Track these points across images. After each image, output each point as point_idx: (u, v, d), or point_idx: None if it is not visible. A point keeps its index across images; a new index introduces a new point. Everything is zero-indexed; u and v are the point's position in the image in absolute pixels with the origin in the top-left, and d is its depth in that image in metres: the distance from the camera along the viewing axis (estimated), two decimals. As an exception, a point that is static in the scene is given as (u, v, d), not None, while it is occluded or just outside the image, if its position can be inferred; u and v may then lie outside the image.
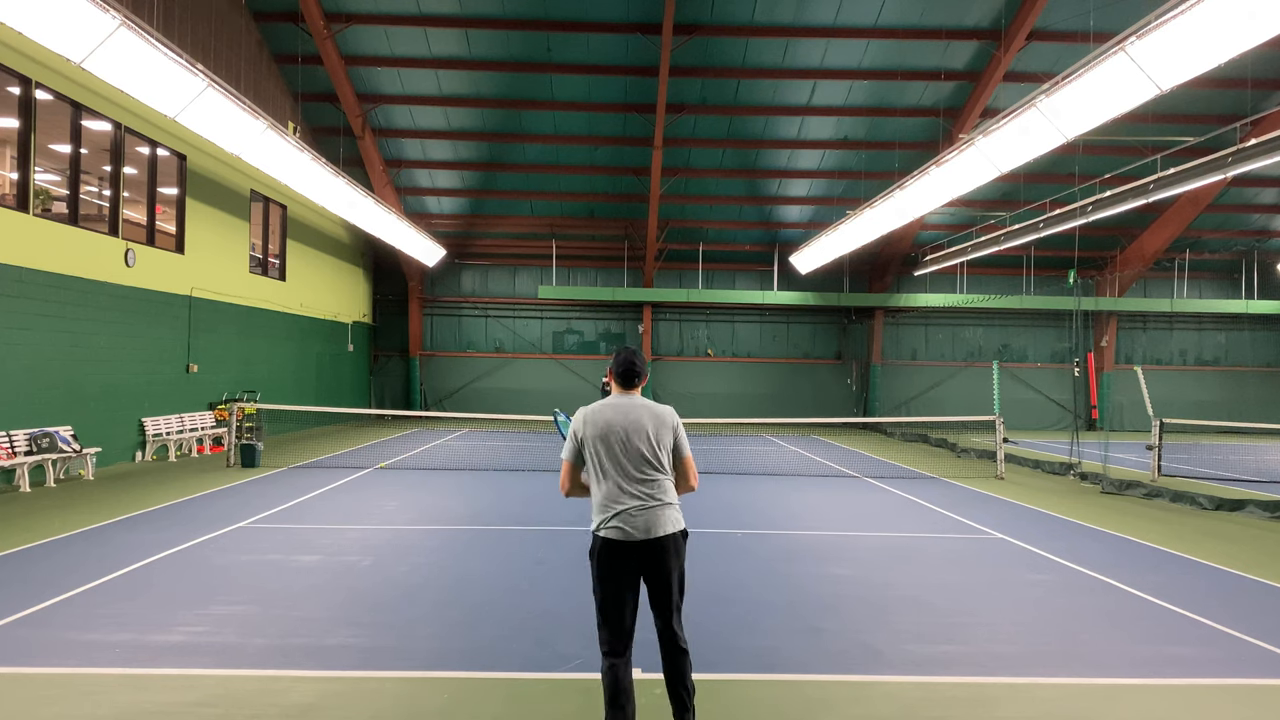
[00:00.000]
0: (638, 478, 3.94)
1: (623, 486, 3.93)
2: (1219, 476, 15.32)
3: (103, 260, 13.93)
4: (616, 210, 26.79)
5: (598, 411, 4.06)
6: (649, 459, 3.97)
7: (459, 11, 18.82)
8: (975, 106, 20.30)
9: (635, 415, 4.03)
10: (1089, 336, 29.84)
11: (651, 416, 4.05)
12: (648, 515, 3.91)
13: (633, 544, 3.89)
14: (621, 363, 4.20)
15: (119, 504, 10.38)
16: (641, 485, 3.94)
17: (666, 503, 3.97)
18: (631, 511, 3.90)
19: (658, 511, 3.92)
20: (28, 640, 5.34)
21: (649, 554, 3.91)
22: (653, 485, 3.96)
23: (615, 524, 3.91)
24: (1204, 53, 8.68)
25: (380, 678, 4.85)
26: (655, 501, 3.94)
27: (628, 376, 4.18)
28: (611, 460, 3.96)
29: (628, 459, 3.96)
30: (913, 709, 4.52)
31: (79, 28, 9.19)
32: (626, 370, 4.18)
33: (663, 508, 3.95)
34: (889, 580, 7.28)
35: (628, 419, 4.01)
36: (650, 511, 3.91)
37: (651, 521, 3.90)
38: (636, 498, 3.91)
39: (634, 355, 4.25)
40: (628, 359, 4.21)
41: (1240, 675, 5.13)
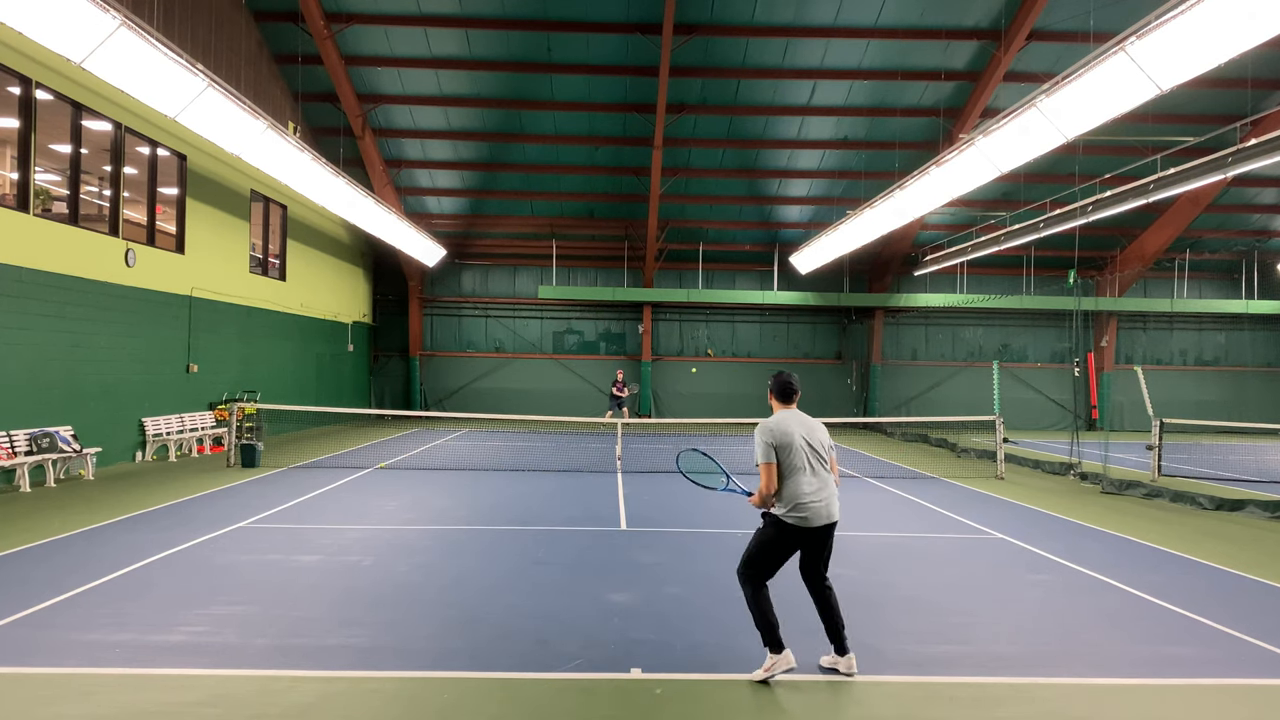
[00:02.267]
0: (822, 474, 5.03)
1: (812, 479, 4.97)
2: (1219, 476, 15.32)
3: (103, 260, 13.93)
4: (616, 210, 26.79)
5: (781, 422, 5.04)
6: (823, 459, 5.07)
7: (459, 11, 18.82)
8: (975, 106, 20.30)
9: (809, 424, 5.14)
10: (1089, 336, 29.84)
11: (819, 427, 5.18)
12: (829, 501, 5.00)
13: (826, 528, 5.01)
14: (782, 383, 5.22)
15: (119, 504, 10.38)
16: (824, 479, 5.04)
17: (835, 495, 5.09)
18: (819, 500, 4.96)
19: (834, 499, 5.06)
20: (28, 640, 5.34)
21: (827, 533, 5.03)
22: (827, 480, 5.06)
23: (805, 511, 4.92)
24: (1204, 53, 8.67)
25: (380, 678, 4.85)
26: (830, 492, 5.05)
27: (790, 392, 5.21)
28: (802, 459, 4.95)
29: (814, 459, 5.01)
30: (913, 709, 4.52)
31: (79, 28, 9.18)
32: (785, 388, 5.22)
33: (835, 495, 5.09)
34: (889, 580, 7.28)
35: (808, 426, 5.12)
36: (831, 497, 5.03)
37: (831, 508, 5.00)
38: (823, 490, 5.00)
39: (792, 376, 5.29)
40: (787, 379, 5.25)
41: (1240, 675, 5.13)
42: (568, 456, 16.93)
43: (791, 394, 5.19)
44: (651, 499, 11.54)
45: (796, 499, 4.87)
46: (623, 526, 9.55)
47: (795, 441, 4.91)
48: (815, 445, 5.00)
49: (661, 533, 9.23)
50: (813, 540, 4.95)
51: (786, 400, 5.19)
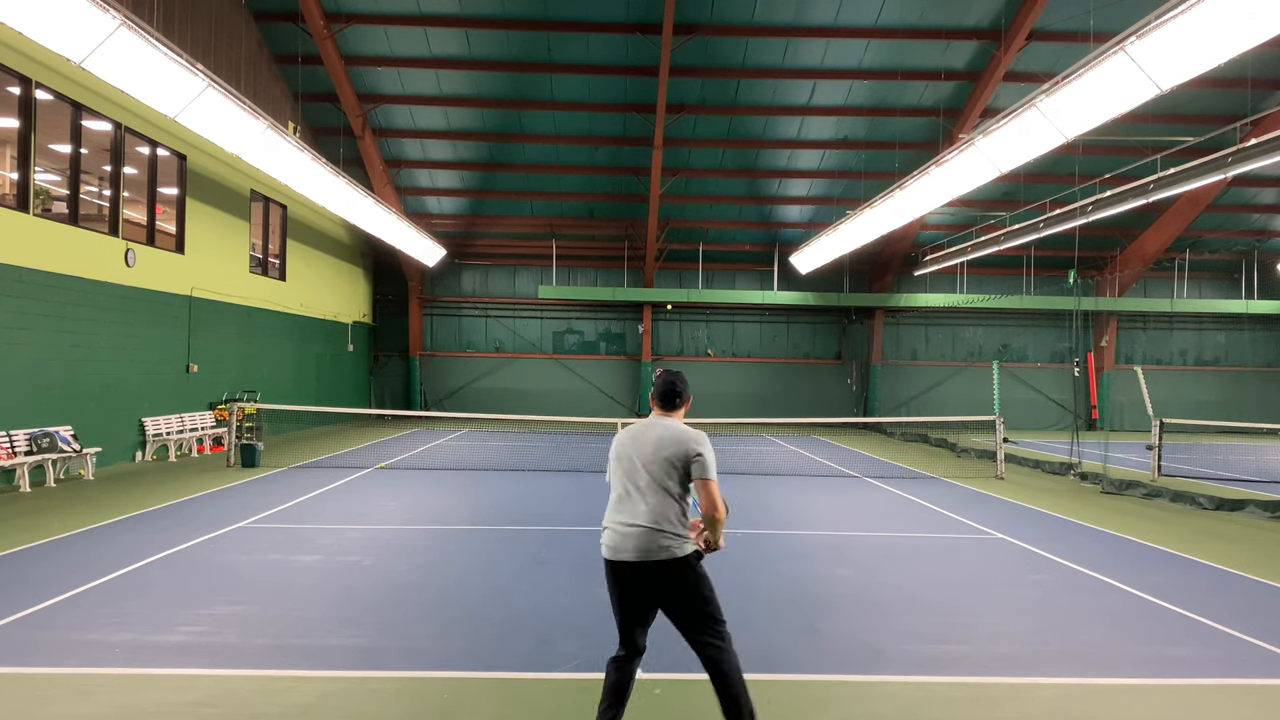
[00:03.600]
0: (634, 497, 3.85)
1: (619, 504, 3.90)
2: (1219, 476, 15.32)
3: (103, 260, 13.93)
4: (616, 210, 26.79)
5: (627, 430, 4.06)
6: (653, 480, 3.83)
7: (459, 11, 18.82)
8: (975, 106, 20.30)
9: (652, 435, 3.92)
10: (1089, 336, 29.84)
11: (670, 439, 3.87)
12: (636, 536, 3.79)
13: (625, 566, 3.82)
14: (661, 383, 4.06)
15: (119, 504, 10.38)
16: (634, 505, 3.84)
17: (654, 528, 3.78)
18: (618, 530, 3.85)
19: (646, 534, 3.78)
20: (28, 640, 5.34)
21: (637, 575, 3.81)
22: (647, 507, 3.81)
23: (604, 540, 3.91)
24: (1204, 53, 8.67)
25: (380, 678, 4.85)
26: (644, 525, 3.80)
27: (666, 398, 4.05)
28: (618, 477, 3.94)
29: (631, 478, 3.88)
30: (913, 709, 4.52)
31: (79, 28, 9.18)
32: (665, 391, 4.05)
33: (649, 532, 3.78)
34: (889, 580, 7.28)
35: (644, 439, 3.93)
36: (638, 532, 3.79)
37: (638, 543, 3.78)
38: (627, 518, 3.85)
39: (676, 377, 4.09)
40: (668, 380, 4.07)
41: (1240, 675, 5.13)
42: (568, 456, 16.93)
43: (673, 398, 4.05)
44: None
45: (604, 522, 3.96)
46: (623, 526, 9.54)
47: (622, 453, 3.94)
48: (645, 463, 3.86)
49: (661, 533, 9.21)
50: (626, 582, 3.83)
51: (662, 405, 4.06)
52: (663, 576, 3.77)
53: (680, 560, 3.80)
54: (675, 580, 3.78)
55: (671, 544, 3.78)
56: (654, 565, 3.76)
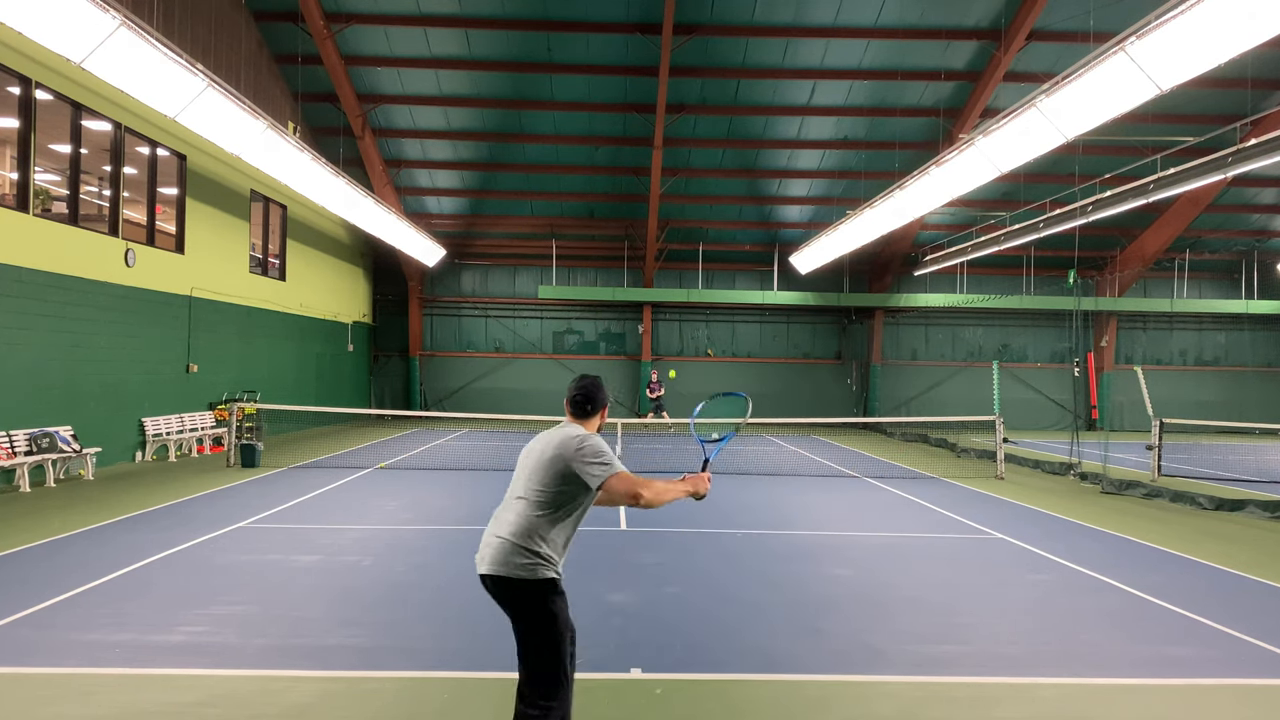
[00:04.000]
0: (507, 505, 3.57)
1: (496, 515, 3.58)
2: (1219, 476, 15.32)
3: (103, 260, 13.93)
4: (616, 210, 26.79)
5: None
6: (529, 489, 3.51)
7: (459, 11, 18.82)
8: (975, 106, 20.30)
9: (545, 439, 3.63)
10: (1089, 336, 29.84)
11: (557, 441, 3.56)
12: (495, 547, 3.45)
13: (483, 580, 3.49)
14: (574, 388, 3.78)
15: (119, 504, 10.38)
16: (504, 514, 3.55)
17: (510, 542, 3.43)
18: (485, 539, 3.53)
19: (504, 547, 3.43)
20: (28, 640, 5.34)
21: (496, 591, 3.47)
22: (513, 516, 3.49)
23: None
24: (1204, 53, 8.67)
25: (380, 678, 4.85)
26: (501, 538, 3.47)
27: (576, 404, 3.74)
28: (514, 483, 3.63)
29: (512, 485, 3.61)
30: (913, 709, 4.52)
31: (79, 28, 9.18)
32: (575, 397, 3.74)
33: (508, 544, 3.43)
34: (889, 580, 7.28)
35: (537, 445, 3.65)
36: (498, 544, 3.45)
37: (495, 555, 3.43)
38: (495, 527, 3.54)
39: (591, 383, 3.79)
40: (582, 385, 3.77)
41: (1240, 675, 5.13)
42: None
43: (584, 405, 3.74)
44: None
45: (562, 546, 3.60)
46: (622, 526, 9.56)
47: (521, 458, 3.72)
48: (526, 469, 3.61)
49: (661, 533, 9.23)
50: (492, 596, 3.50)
51: (574, 413, 3.76)
52: (501, 594, 3.43)
53: (531, 585, 3.39)
54: (520, 607, 3.41)
55: (529, 563, 3.39)
56: (504, 582, 3.40)
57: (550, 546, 3.45)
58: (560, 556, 3.52)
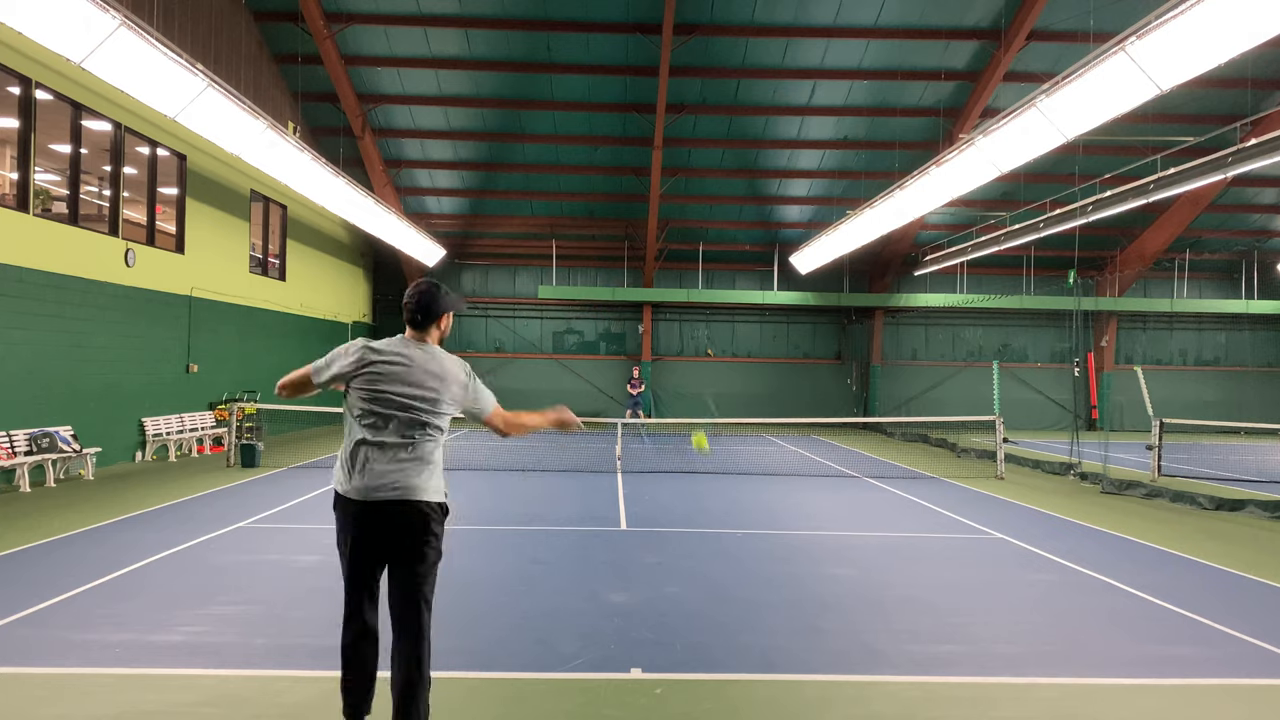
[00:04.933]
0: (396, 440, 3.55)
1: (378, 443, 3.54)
2: (1219, 476, 15.32)
3: (103, 260, 13.93)
4: (616, 210, 26.79)
5: (376, 349, 3.60)
6: (417, 419, 3.53)
7: (459, 11, 18.81)
8: (975, 106, 20.30)
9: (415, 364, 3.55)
10: (1089, 336, 29.83)
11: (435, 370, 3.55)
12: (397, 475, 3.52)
13: (370, 506, 3.57)
14: (411, 295, 3.62)
15: (119, 504, 10.38)
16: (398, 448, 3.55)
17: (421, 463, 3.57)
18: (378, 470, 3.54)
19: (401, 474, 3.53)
20: (28, 640, 5.33)
21: (387, 517, 3.56)
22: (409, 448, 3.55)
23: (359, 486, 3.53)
24: (1204, 53, 8.67)
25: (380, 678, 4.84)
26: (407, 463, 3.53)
27: (421, 313, 3.63)
28: (369, 415, 3.57)
29: (391, 416, 3.54)
30: (913, 709, 4.52)
31: (79, 28, 9.17)
32: (415, 304, 3.61)
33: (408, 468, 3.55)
34: (889, 580, 7.28)
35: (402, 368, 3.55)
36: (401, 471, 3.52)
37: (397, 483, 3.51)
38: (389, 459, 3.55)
39: (433, 287, 3.66)
40: (421, 290, 3.62)
41: (1240, 675, 5.13)
42: (567, 456, 16.93)
43: (427, 317, 3.75)
44: (652, 499, 11.54)
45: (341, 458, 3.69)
46: (623, 526, 9.55)
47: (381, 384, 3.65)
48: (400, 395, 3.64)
49: (662, 533, 9.23)
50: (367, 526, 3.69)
51: (416, 326, 3.80)
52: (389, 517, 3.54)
53: (426, 506, 3.57)
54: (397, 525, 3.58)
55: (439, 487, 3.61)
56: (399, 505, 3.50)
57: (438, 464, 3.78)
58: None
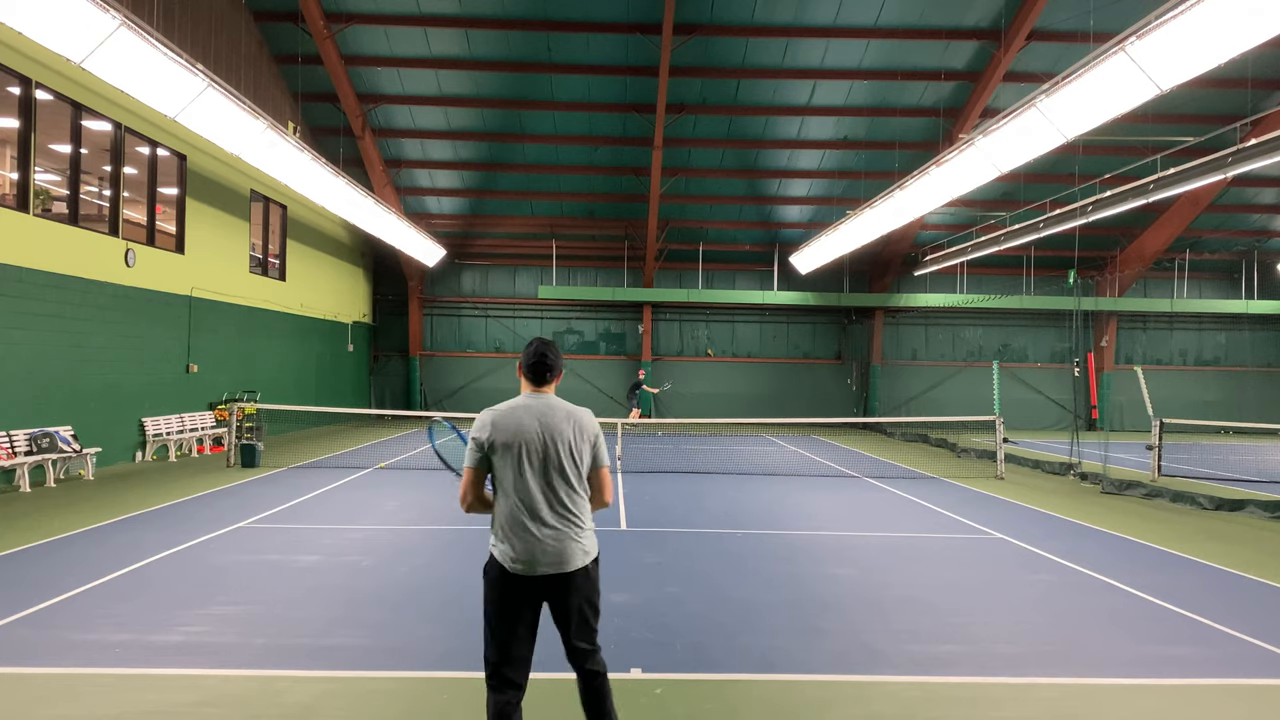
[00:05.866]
0: (550, 499, 3.42)
1: (532, 508, 3.40)
2: (1219, 476, 15.32)
3: (103, 260, 13.93)
4: (616, 210, 26.79)
5: (506, 415, 3.50)
6: (565, 474, 3.42)
7: (459, 11, 18.82)
8: (975, 106, 20.30)
9: (551, 419, 3.47)
10: (1089, 336, 29.84)
11: (570, 421, 3.49)
12: (559, 546, 3.39)
13: (535, 578, 3.41)
14: (532, 354, 3.60)
15: (119, 504, 10.38)
16: (556, 507, 3.42)
17: (581, 529, 3.46)
18: (540, 538, 3.38)
19: (569, 543, 3.41)
20: (28, 640, 5.34)
21: (554, 587, 3.43)
22: (566, 509, 3.43)
23: (516, 551, 3.40)
24: (1204, 53, 8.67)
25: (380, 678, 4.85)
26: (569, 528, 3.42)
27: (537, 371, 3.60)
28: (517, 474, 3.41)
29: (539, 473, 3.41)
30: (913, 709, 4.52)
31: (79, 28, 9.18)
32: (537, 363, 3.59)
33: (575, 536, 3.43)
34: (889, 580, 7.28)
35: (542, 423, 3.46)
36: (562, 542, 3.40)
37: (562, 553, 3.39)
38: (546, 524, 3.40)
39: (547, 345, 3.65)
40: (539, 349, 3.61)
41: (1240, 675, 5.13)
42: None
43: (544, 371, 3.62)
44: (652, 499, 11.54)
45: (500, 525, 3.47)
46: (623, 527, 9.55)
47: (523, 444, 3.43)
48: (559, 454, 3.45)
49: (662, 533, 9.23)
50: (540, 595, 3.49)
51: (538, 380, 3.64)
52: (576, 583, 3.46)
53: (595, 560, 3.56)
54: (585, 584, 3.49)
55: (593, 544, 3.54)
56: (571, 575, 3.43)
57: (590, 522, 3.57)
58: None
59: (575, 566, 3.43)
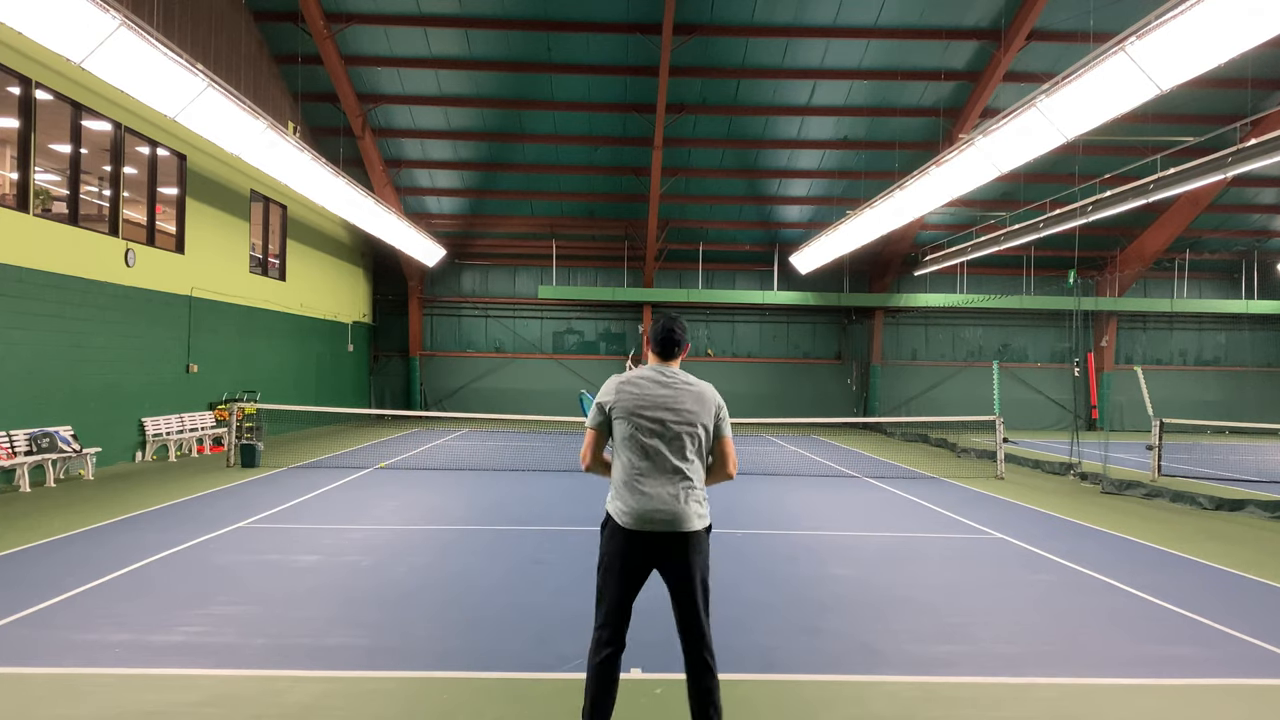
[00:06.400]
0: (667, 467, 3.60)
1: (647, 471, 3.60)
2: (1219, 476, 15.32)
3: (103, 260, 13.93)
4: (616, 210, 26.79)
5: (630, 382, 3.70)
6: (682, 444, 3.61)
7: (459, 11, 18.82)
8: (975, 106, 20.30)
9: (672, 389, 3.66)
10: (1089, 336, 29.84)
11: (691, 392, 3.67)
12: (670, 507, 3.58)
13: (647, 534, 3.59)
14: (660, 329, 3.78)
15: (119, 504, 10.38)
16: (669, 472, 3.61)
17: (692, 493, 3.62)
18: (652, 497, 3.58)
19: (679, 505, 3.59)
20: (28, 640, 5.33)
21: (666, 547, 3.59)
22: (680, 475, 3.61)
23: (629, 508, 3.60)
24: (1204, 53, 8.68)
25: (380, 678, 4.84)
26: (681, 490, 3.60)
27: (666, 345, 3.78)
28: (635, 441, 3.62)
29: (655, 438, 3.60)
30: (913, 709, 4.52)
31: (79, 28, 9.18)
32: (665, 338, 3.77)
33: (688, 501, 3.61)
34: (889, 580, 7.27)
35: (663, 392, 3.65)
36: (672, 504, 3.58)
37: (675, 514, 3.57)
38: (660, 486, 3.60)
39: (674, 322, 3.82)
40: (666, 325, 3.79)
41: (1240, 675, 5.13)
42: (568, 456, 16.93)
43: (673, 346, 3.79)
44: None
45: (616, 483, 3.68)
46: (623, 526, 9.54)
47: (644, 413, 3.63)
48: (677, 425, 3.62)
49: (661, 533, 9.21)
50: (653, 555, 3.62)
51: (665, 354, 3.80)
52: (689, 546, 3.60)
53: (708, 529, 3.72)
54: (696, 551, 3.64)
55: (705, 511, 3.68)
56: (686, 535, 3.59)
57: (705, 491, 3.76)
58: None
59: (688, 528, 3.58)
